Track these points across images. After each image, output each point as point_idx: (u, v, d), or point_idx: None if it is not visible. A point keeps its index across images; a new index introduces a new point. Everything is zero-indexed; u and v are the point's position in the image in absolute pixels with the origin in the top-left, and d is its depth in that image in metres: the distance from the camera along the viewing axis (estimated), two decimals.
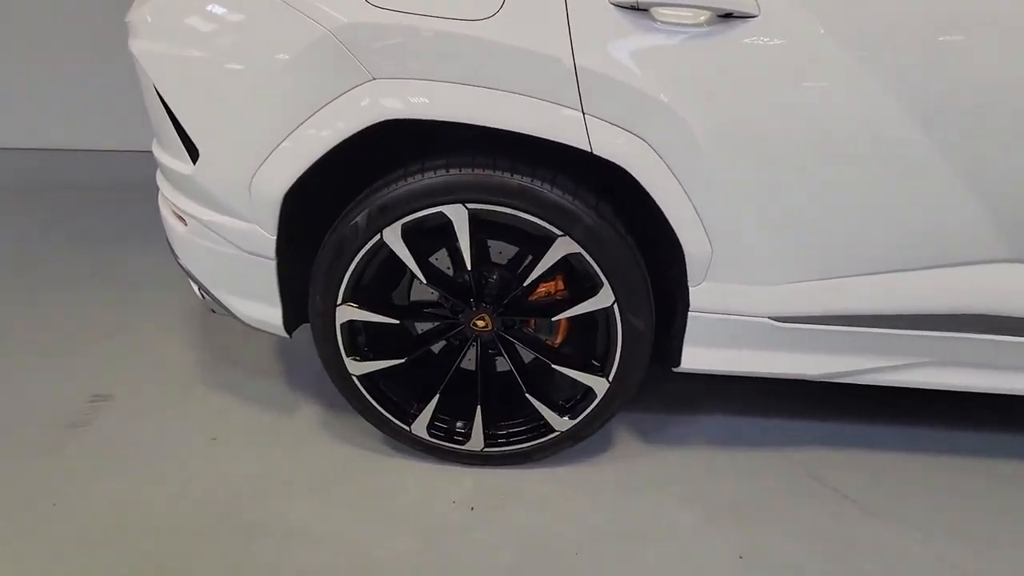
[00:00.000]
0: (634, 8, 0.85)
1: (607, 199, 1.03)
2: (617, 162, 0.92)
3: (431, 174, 0.98)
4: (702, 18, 0.86)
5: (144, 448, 1.33)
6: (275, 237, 1.07)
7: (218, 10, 0.97)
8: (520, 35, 0.88)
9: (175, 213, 1.19)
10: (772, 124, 0.91)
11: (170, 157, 1.13)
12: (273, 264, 1.11)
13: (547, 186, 0.97)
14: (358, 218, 1.03)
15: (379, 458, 1.31)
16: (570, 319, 1.14)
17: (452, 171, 0.98)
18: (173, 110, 1.03)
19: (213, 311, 1.32)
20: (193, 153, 1.06)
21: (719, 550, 1.10)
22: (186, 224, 1.16)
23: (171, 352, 1.69)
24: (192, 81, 1.01)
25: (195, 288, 1.30)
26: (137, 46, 1.05)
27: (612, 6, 0.86)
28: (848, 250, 1.01)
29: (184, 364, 1.65)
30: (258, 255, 1.10)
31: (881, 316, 1.04)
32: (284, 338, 1.26)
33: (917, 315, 1.02)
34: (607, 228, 1.00)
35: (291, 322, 1.21)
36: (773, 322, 1.07)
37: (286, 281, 1.14)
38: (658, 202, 0.95)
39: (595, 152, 0.92)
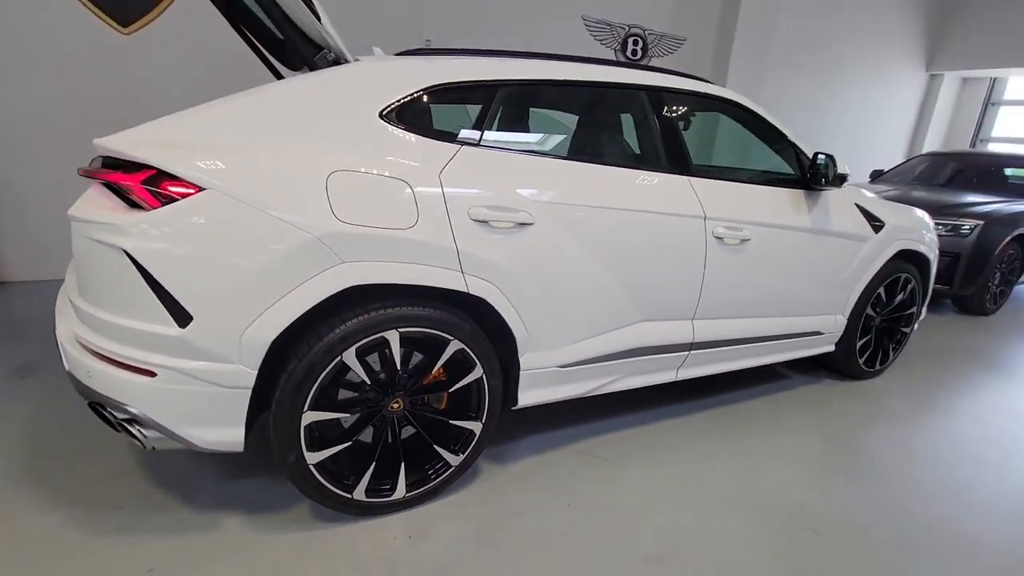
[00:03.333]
0: (481, 221, 1.69)
1: (471, 315, 1.79)
2: (482, 296, 1.71)
3: (376, 313, 1.58)
4: (511, 225, 1.74)
5: None
6: (256, 371, 1.47)
7: (236, 225, 1.39)
8: (427, 235, 1.61)
9: (134, 368, 1.42)
10: (546, 272, 1.84)
11: (141, 323, 1.40)
12: (248, 392, 1.48)
13: (443, 312, 1.68)
14: (322, 347, 1.53)
15: (321, 533, 1.69)
16: (449, 392, 1.82)
17: (389, 310, 1.60)
18: (172, 291, 1.36)
19: (153, 449, 1.52)
20: (180, 318, 1.39)
21: (553, 506, 1.89)
22: (155, 375, 1.42)
23: (35, 503, 1.67)
24: (197, 269, 1.38)
25: (138, 435, 1.48)
26: (131, 244, 1.35)
27: (471, 220, 1.68)
28: (586, 327, 2.01)
29: (64, 518, 1.65)
30: (238, 387, 1.47)
31: (604, 355, 2.07)
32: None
33: (619, 351, 2.09)
34: (476, 332, 1.76)
35: (247, 436, 1.55)
36: (559, 368, 1.98)
37: (252, 403, 1.52)
38: (501, 314, 1.77)
39: (470, 292, 1.69)
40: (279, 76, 2.49)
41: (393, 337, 1.62)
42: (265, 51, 2.22)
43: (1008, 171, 5.77)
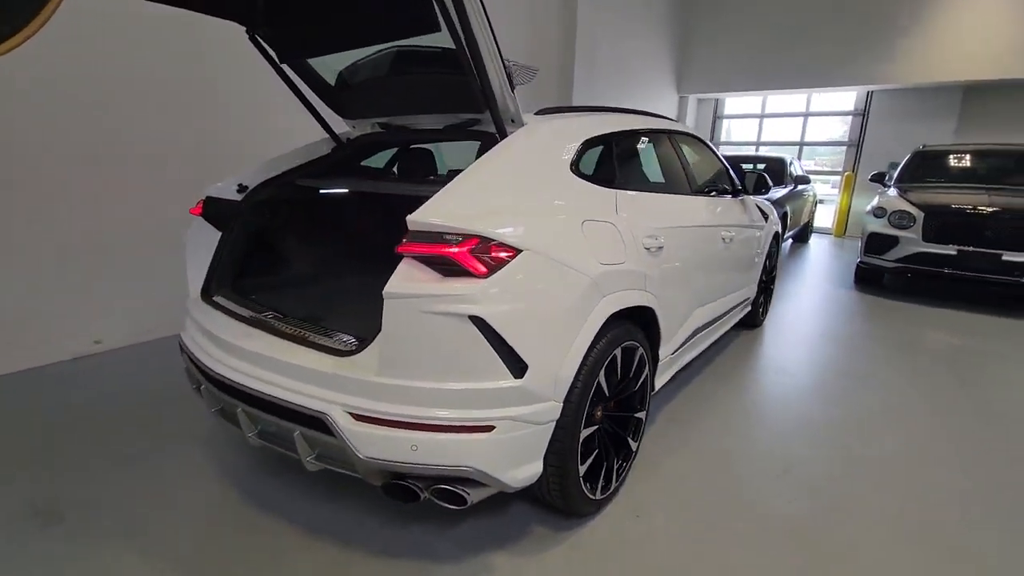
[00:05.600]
0: (647, 248, 2.11)
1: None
2: (653, 307, 2.13)
3: (609, 336, 1.88)
4: (656, 248, 2.20)
5: None
6: (562, 404, 1.65)
7: (547, 279, 1.57)
8: (633, 265, 1.97)
9: (472, 427, 1.48)
10: (671, 280, 2.35)
11: (481, 382, 1.47)
12: (553, 424, 1.66)
13: (635, 326, 2.06)
14: (587, 370, 1.78)
15: (573, 537, 1.92)
16: (634, 391, 2.19)
17: (613, 332, 1.91)
18: (514, 346, 1.47)
19: (471, 503, 1.57)
20: (518, 370, 1.51)
21: (693, 461, 2.43)
22: (492, 428, 1.50)
23: None
24: (529, 323, 1.50)
25: (461, 494, 1.53)
26: (480, 309, 1.41)
27: (643, 248, 2.08)
28: (682, 319, 2.57)
29: None
30: (549, 421, 1.63)
31: (685, 339, 2.66)
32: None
33: (690, 334, 2.70)
34: (644, 338, 2.17)
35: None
36: (671, 356, 2.51)
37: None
38: (659, 319, 2.21)
39: (649, 305, 2.10)
40: (317, 115, 2.48)
41: (618, 353, 1.94)
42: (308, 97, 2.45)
43: (746, 166, 8.19)
